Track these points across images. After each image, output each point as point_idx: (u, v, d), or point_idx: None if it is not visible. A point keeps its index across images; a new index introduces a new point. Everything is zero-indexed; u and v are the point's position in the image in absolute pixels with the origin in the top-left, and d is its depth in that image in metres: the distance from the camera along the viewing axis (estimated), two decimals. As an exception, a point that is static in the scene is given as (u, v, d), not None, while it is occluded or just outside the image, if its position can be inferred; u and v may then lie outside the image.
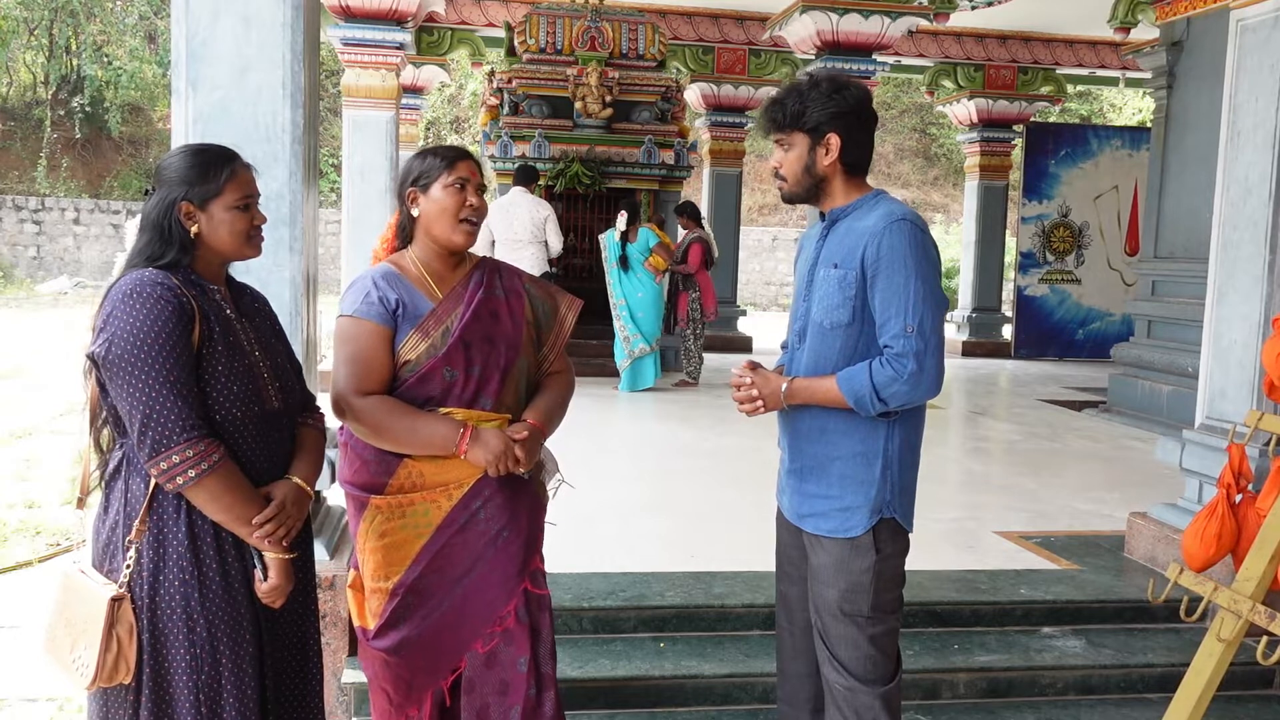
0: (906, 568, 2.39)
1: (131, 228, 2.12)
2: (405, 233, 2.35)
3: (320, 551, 3.21)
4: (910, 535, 2.36)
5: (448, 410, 2.21)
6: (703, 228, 8.79)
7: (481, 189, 2.31)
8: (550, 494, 2.43)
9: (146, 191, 2.03)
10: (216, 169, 2.00)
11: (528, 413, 2.29)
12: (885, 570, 2.29)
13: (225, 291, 2.08)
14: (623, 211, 8.20)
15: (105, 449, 2.01)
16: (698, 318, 8.59)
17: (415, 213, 2.29)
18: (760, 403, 2.32)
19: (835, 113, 2.24)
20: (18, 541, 4.84)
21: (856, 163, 2.30)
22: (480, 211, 2.29)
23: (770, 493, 2.55)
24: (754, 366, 2.36)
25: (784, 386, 2.29)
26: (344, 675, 3.22)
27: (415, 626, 2.27)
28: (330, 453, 3.26)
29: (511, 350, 2.29)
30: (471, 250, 2.38)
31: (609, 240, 8.32)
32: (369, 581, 2.30)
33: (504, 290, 2.34)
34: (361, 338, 2.21)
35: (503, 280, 2.36)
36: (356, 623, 2.37)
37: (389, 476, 2.22)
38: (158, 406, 1.85)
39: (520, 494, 2.31)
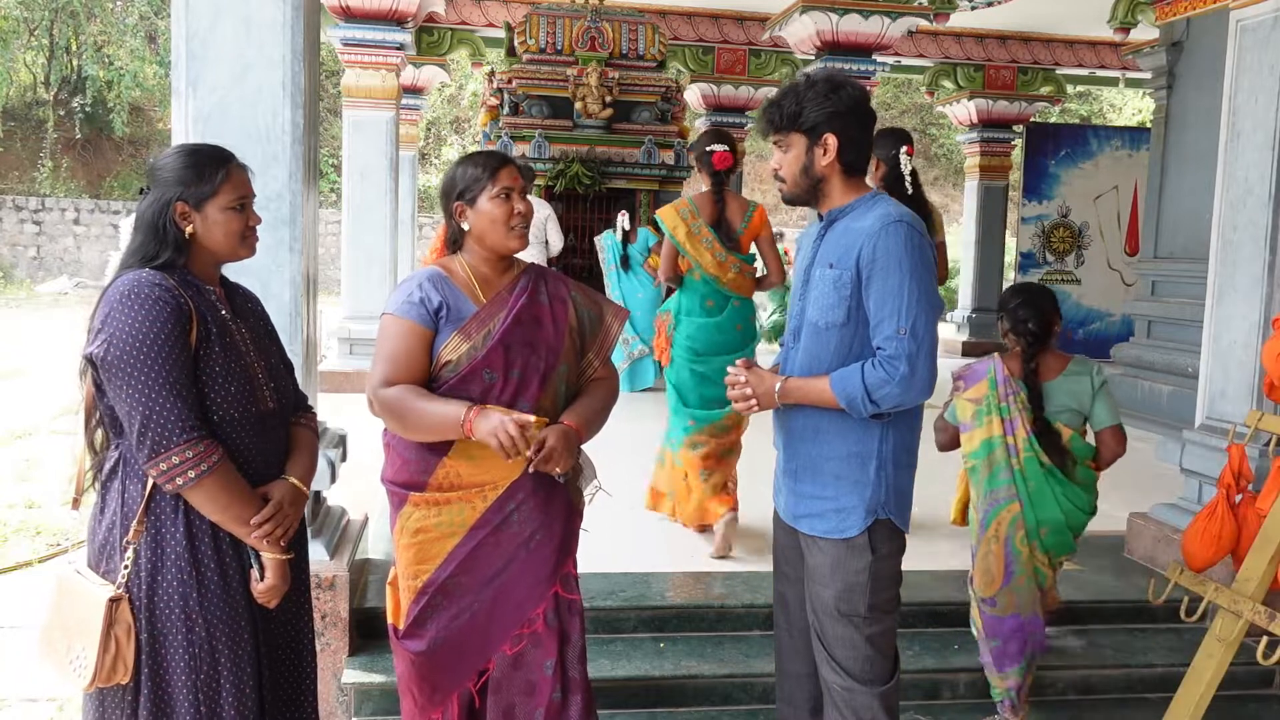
0: (906, 568, 2.39)
1: (126, 227, 2.12)
2: (455, 244, 2.38)
3: (320, 551, 3.21)
4: (907, 535, 2.36)
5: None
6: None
7: (525, 191, 2.34)
8: (586, 499, 2.44)
9: (142, 190, 2.02)
10: (212, 170, 2.00)
11: (566, 415, 2.29)
12: (881, 570, 2.29)
13: (220, 292, 2.08)
14: (624, 212, 8.20)
15: (100, 449, 2.01)
16: (692, 319, 8.56)
17: (465, 226, 2.31)
18: (754, 401, 2.32)
19: (832, 113, 2.23)
20: (18, 541, 4.84)
21: (854, 163, 2.29)
22: (527, 216, 2.32)
23: (769, 493, 2.55)
24: (749, 364, 2.36)
25: (778, 385, 2.29)
26: (344, 675, 3.22)
27: (444, 627, 2.28)
28: (331, 453, 3.26)
29: (552, 355, 2.30)
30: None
31: (610, 241, 8.31)
32: (402, 580, 2.32)
33: (548, 296, 2.35)
34: (401, 336, 2.24)
35: (548, 286, 2.38)
36: (390, 620, 2.38)
37: (428, 475, 2.25)
38: (157, 408, 1.85)
39: (555, 498, 2.32)
